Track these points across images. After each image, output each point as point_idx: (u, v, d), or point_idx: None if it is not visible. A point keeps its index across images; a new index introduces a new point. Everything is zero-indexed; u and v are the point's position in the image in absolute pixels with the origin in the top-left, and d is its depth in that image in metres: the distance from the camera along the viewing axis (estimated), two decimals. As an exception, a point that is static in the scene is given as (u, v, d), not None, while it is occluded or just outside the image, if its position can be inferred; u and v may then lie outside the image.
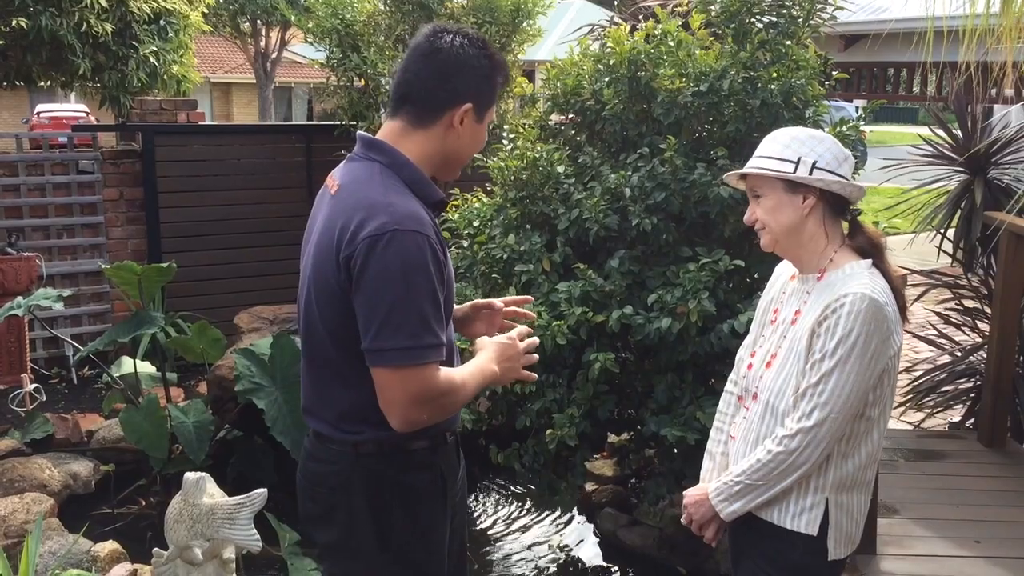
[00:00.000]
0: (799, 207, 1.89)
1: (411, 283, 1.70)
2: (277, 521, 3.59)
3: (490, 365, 1.89)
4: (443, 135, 1.84)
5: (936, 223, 4.91)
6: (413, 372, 1.72)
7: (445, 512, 1.95)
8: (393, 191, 1.77)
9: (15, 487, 4.07)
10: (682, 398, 3.30)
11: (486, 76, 1.86)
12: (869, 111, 3.79)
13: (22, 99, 21.83)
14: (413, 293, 1.70)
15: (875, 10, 6.53)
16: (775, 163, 1.88)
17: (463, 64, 1.83)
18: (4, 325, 5.07)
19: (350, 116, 6.18)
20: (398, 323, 1.70)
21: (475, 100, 1.84)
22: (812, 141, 1.89)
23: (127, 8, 7.33)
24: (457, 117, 1.83)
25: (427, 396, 1.74)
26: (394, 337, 1.70)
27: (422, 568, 1.92)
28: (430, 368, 1.73)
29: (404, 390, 1.72)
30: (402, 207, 1.74)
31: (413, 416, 1.75)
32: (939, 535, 3.35)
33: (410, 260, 1.70)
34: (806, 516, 1.89)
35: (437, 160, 1.87)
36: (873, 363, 1.81)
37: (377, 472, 1.86)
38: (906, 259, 5.45)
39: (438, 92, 1.82)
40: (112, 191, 6.19)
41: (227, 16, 20.69)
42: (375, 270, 1.69)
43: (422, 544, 1.91)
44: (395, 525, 1.87)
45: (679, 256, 3.38)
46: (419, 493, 1.89)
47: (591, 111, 3.71)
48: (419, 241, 1.71)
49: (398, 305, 1.70)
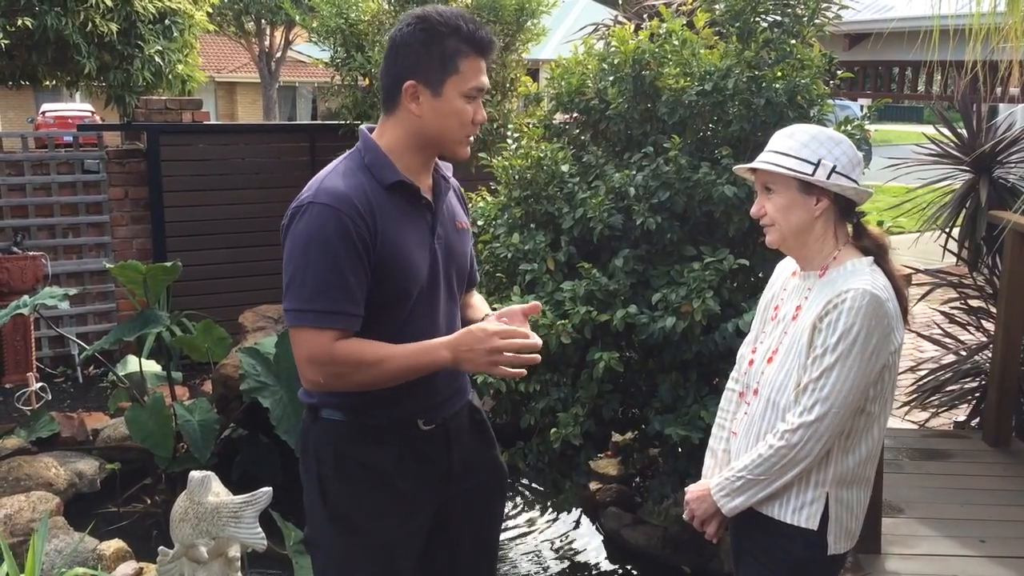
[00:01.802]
0: (811, 208, 1.89)
1: (312, 252, 1.80)
2: (282, 519, 3.59)
3: (440, 351, 1.85)
4: (405, 117, 1.90)
5: (941, 222, 4.90)
6: (305, 334, 1.82)
7: (403, 492, 1.97)
8: (337, 172, 1.89)
9: (21, 486, 4.08)
10: (686, 397, 3.30)
11: (423, 47, 1.85)
12: (874, 110, 3.79)
13: (27, 98, 21.87)
14: (314, 261, 1.80)
15: (880, 8, 6.52)
16: (793, 161, 1.87)
17: (398, 45, 1.88)
18: (10, 324, 5.08)
19: (354, 115, 6.18)
20: (297, 288, 1.82)
21: (416, 75, 1.86)
22: (831, 143, 1.88)
23: (132, 8, 7.33)
24: (406, 97, 1.87)
25: (319, 360, 1.81)
26: (293, 300, 1.83)
27: (366, 538, 1.97)
28: (325, 333, 1.80)
29: (298, 350, 1.84)
30: (328, 184, 1.85)
31: (309, 376, 1.84)
32: (944, 534, 3.34)
33: (315, 231, 1.80)
34: (806, 511, 1.90)
35: (413, 142, 1.91)
36: (874, 358, 1.82)
37: (329, 439, 1.97)
38: (911, 258, 5.44)
39: (386, 78, 1.91)
40: (117, 190, 6.21)
41: (232, 15, 20.70)
42: (288, 238, 1.85)
43: (365, 512, 1.96)
44: (338, 491, 1.96)
45: (683, 255, 3.38)
46: (370, 467, 1.95)
47: (595, 110, 3.71)
48: (327, 214, 1.80)
49: (298, 271, 1.81)
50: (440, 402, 2.02)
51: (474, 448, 2.13)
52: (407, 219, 1.90)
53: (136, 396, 4.59)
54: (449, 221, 2.03)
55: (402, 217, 1.89)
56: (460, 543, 2.15)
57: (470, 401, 2.16)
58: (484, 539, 2.22)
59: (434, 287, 1.96)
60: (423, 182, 1.96)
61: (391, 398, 1.92)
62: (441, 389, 2.00)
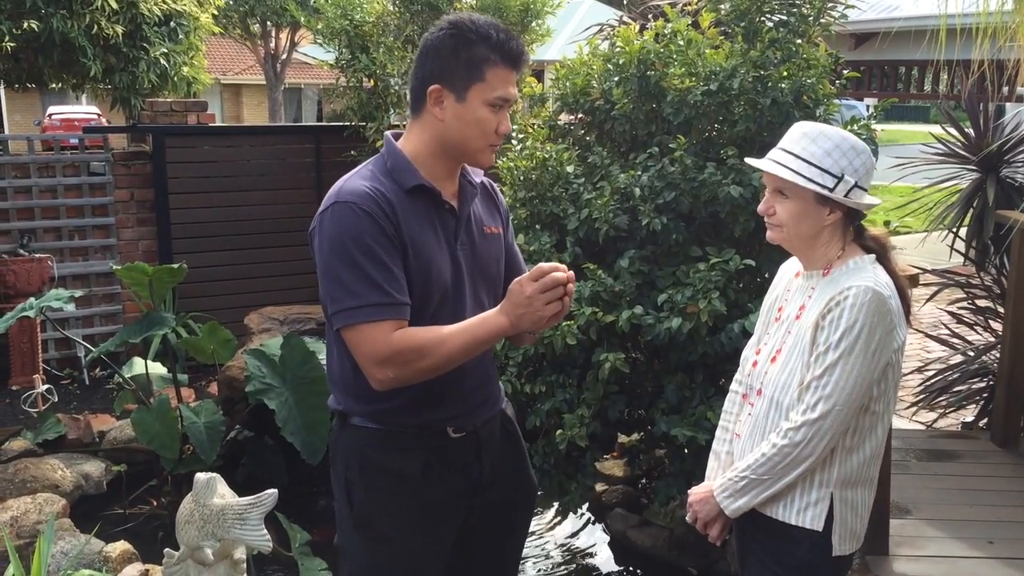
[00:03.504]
0: (823, 219, 1.88)
1: (349, 249, 1.79)
2: (288, 521, 3.59)
3: (497, 318, 1.81)
4: (430, 121, 1.89)
5: (948, 222, 4.88)
6: (362, 332, 1.79)
7: (429, 501, 1.96)
8: (360, 175, 1.89)
9: (27, 488, 4.08)
10: (692, 398, 3.29)
11: (451, 53, 1.85)
12: (880, 109, 3.78)
13: (34, 101, 21.94)
14: (352, 257, 1.79)
15: (886, 8, 6.50)
16: (815, 171, 1.83)
17: (427, 49, 1.88)
18: (16, 326, 5.09)
19: (359, 117, 6.19)
20: (341, 287, 1.80)
21: (442, 80, 1.85)
22: (852, 153, 1.85)
23: (138, 10, 7.36)
24: (430, 101, 1.87)
25: (382, 355, 1.78)
26: (340, 300, 1.80)
27: (391, 546, 1.96)
28: (380, 326, 1.78)
29: (359, 350, 1.81)
30: (350, 185, 1.85)
31: (377, 374, 1.81)
32: (952, 536, 3.33)
33: (345, 229, 1.80)
34: (811, 511, 1.88)
35: (436, 147, 1.90)
36: (877, 355, 1.81)
37: (357, 445, 1.95)
38: (918, 258, 5.42)
39: (413, 82, 1.90)
40: (123, 192, 6.22)
41: (237, 18, 20.73)
42: (318, 243, 1.84)
43: (391, 520, 1.95)
44: (363, 498, 1.95)
45: (689, 256, 3.37)
46: (396, 474, 1.94)
47: (600, 111, 3.70)
48: (353, 211, 1.80)
49: (339, 271, 1.80)
50: (470, 409, 1.99)
51: (506, 460, 2.11)
52: (429, 224, 1.89)
53: (142, 398, 4.59)
54: (476, 227, 2.00)
55: (424, 221, 1.88)
56: (484, 555, 2.12)
57: (503, 411, 2.13)
58: (507, 553, 2.20)
59: (459, 293, 1.94)
60: (447, 188, 1.94)
61: (419, 404, 1.90)
62: (470, 396, 1.99)
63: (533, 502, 2.25)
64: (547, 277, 1.78)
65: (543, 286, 1.78)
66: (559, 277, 1.79)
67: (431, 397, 1.89)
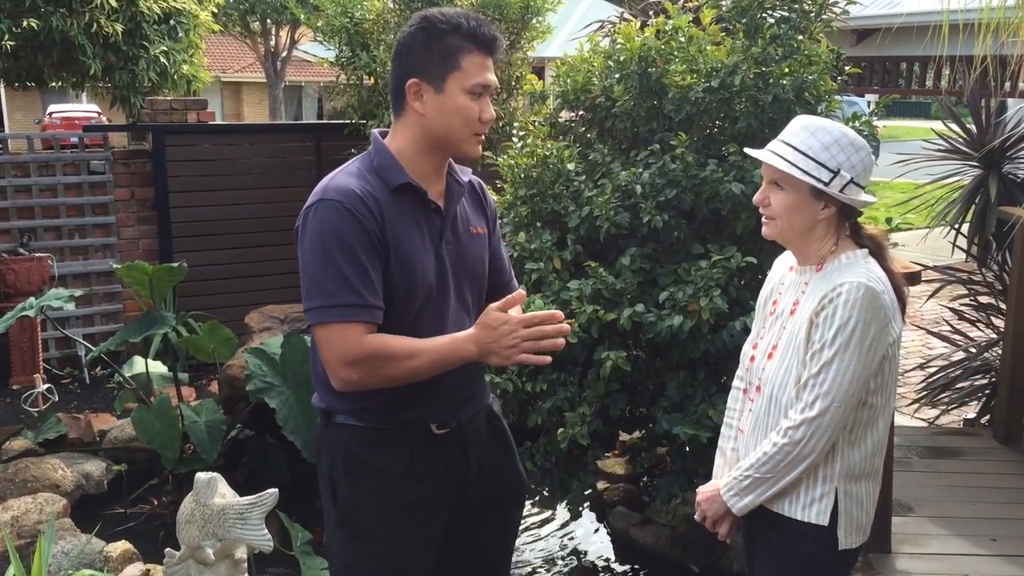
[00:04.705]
0: (817, 212, 1.88)
1: (329, 247, 1.79)
2: (289, 520, 3.58)
3: (466, 344, 1.83)
4: (412, 117, 1.89)
5: (950, 218, 4.87)
6: (333, 331, 1.79)
7: (413, 498, 1.96)
8: (346, 172, 1.89)
9: (28, 487, 4.08)
10: (694, 396, 3.28)
11: (424, 46, 1.85)
12: (881, 106, 3.76)
13: (34, 100, 21.93)
14: (332, 256, 1.78)
15: (888, 4, 6.48)
16: (812, 164, 1.84)
17: (401, 47, 1.89)
18: (16, 326, 5.08)
19: (360, 114, 6.18)
20: (318, 284, 1.79)
21: (418, 73, 1.86)
22: (851, 149, 1.85)
23: (137, 8, 7.34)
24: (410, 96, 1.87)
25: (350, 356, 1.78)
26: (315, 297, 1.80)
27: (374, 543, 1.96)
28: (353, 327, 1.78)
29: (328, 348, 1.81)
30: (336, 183, 1.85)
31: (342, 374, 1.81)
32: (954, 533, 3.32)
33: (328, 227, 1.80)
34: (816, 506, 1.90)
35: (421, 143, 1.90)
36: (873, 350, 1.81)
37: (341, 443, 1.96)
38: (920, 254, 5.41)
39: (392, 80, 1.91)
40: (123, 191, 6.21)
41: (237, 15, 20.73)
42: (301, 239, 1.85)
43: (374, 517, 1.96)
44: (347, 495, 1.96)
45: (690, 253, 3.36)
46: (379, 471, 1.94)
47: (601, 108, 3.69)
48: (337, 209, 1.80)
49: (317, 268, 1.80)
50: (454, 406, 1.99)
51: (493, 455, 2.11)
52: (414, 222, 1.89)
53: (142, 397, 4.58)
54: (462, 226, 2.00)
55: (409, 220, 1.88)
56: (474, 552, 2.13)
57: (489, 406, 2.13)
58: (498, 549, 2.20)
59: (443, 293, 1.93)
60: (434, 186, 1.94)
61: (402, 402, 1.90)
62: (454, 393, 1.98)
63: (523, 496, 2.25)
64: (531, 315, 1.80)
65: (524, 321, 1.78)
66: (546, 328, 1.79)
67: (414, 395, 1.89)
